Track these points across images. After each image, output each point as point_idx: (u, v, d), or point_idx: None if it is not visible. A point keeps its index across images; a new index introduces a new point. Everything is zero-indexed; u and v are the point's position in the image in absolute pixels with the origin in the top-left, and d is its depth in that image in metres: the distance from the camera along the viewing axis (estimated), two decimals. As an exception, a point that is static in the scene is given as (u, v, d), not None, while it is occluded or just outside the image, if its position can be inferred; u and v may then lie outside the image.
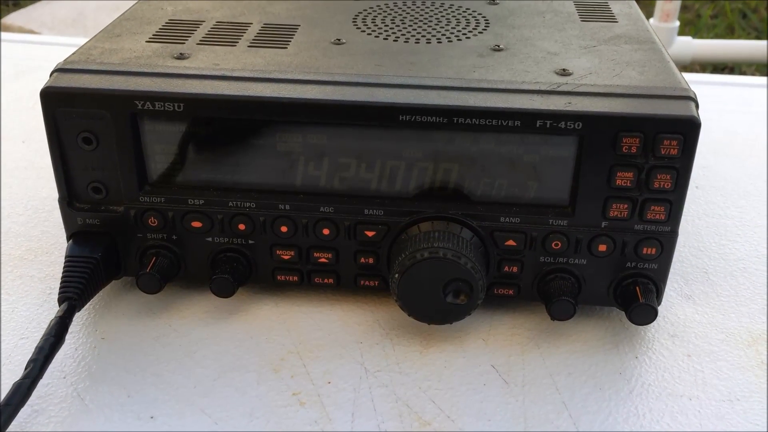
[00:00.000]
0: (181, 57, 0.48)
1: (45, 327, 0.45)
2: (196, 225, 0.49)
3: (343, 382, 0.46)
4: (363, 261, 0.49)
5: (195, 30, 0.53)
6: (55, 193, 0.49)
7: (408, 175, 0.47)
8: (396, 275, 0.46)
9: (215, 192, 0.48)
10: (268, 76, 0.46)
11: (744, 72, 2.19)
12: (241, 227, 0.49)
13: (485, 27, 0.55)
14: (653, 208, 0.46)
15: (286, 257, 0.50)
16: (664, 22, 1.92)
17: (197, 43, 0.51)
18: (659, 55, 0.50)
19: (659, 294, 0.48)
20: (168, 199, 0.48)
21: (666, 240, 0.47)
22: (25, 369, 0.42)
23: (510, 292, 0.49)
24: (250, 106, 0.45)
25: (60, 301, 0.47)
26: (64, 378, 0.46)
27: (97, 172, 0.48)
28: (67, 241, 0.50)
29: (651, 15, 1.96)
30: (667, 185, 0.45)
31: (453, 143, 0.46)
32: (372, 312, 0.51)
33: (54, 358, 0.44)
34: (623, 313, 0.48)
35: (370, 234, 0.48)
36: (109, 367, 0.47)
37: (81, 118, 0.46)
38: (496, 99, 0.44)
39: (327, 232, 0.48)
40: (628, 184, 0.45)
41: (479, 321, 0.51)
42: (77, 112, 0.46)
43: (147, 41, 0.51)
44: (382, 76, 0.47)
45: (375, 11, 0.58)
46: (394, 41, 0.52)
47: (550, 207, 0.47)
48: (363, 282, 0.50)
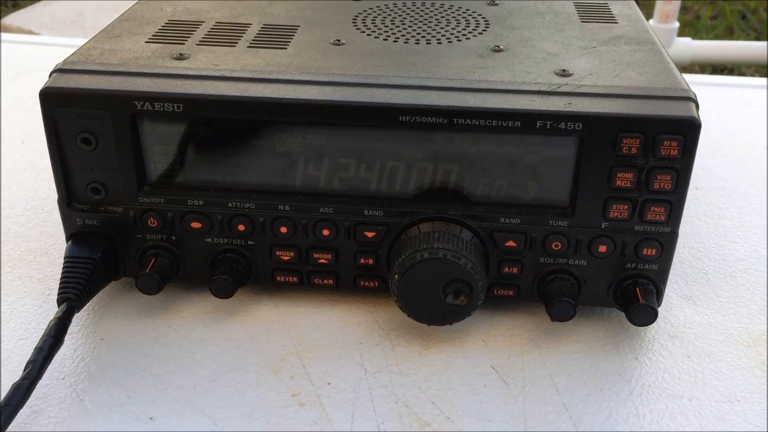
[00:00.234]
0: (181, 57, 0.48)
1: (44, 328, 0.45)
2: (195, 226, 0.49)
3: (343, 382, 0.46)
4: (363, 262, 0.49)
5: (194, 30, 0.53)
6: (55, 194, 0.49)
7: (408, 176, 0.47)
8: (396, 276, 0.46)
9: (215, 193, 0.48)
10: (267, 76, 0.46)
11: (743, 73, 2.19)
12: (241, 228, 0.49)
13: (485, 28, 0.55)
14: (653, 208, 0.45)
15: (285, 258, 0.50)
16: (663, 23, 1.92)
17: (197, 44, 0.51)
18: (659, 56, 0.50)
19: (659, 295, 0.48)
20: (167, 200, 0.48)
21: (666, 241, 0.47)
22: (24, 370, 0.42)
23: (510, 292, 0.49)
24: (249, 106, 0.45)
25: (59, 302, 0.47)
26: (63, 379, 0.46)
27: (97, 172, 0.48)
28: (67, 242, 0.50)
29: (650, 16, 1.97)
30: (667, 186, 0.45)
31: (453, 144, 0.46)
32: (372, 313, 0.51)
33: (53, 358, 0.44)
34: (623, 314, 0.48)
35: (369, 235, 0.48)
36: (109, 368, 0.47)
37: (80, 118, 0.46)
38: (496, 100, 0.44)
39: (327, 232, 0.48)
40: (628, 184, 0.45)
41: (479, 322, 0.51)
42: (76, 112, 0.46)
43: (146, 42, 0.51)
44: (381, 76, 0.46)
45: (375, 12, 0.58)
46: (393, 42, 0.52)
47: (550, 208, 0.47)
48: (363, 283, 0.50)
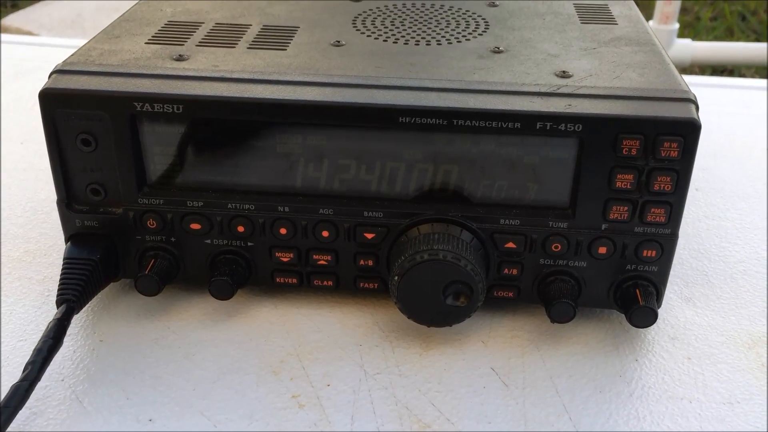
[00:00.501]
0: (181, 58, 0.48)
1: (43, 329, 0.45)
2: (195, 227, 0.49)
3: (343, 384, 0.46)
4: (362, 263, 0.49)
5: (194, 31, 0.53)
6: (54, 195, 0.49)
7: (408, 177, 0.47)
8: (396, 277, 0.46)
9: (214, 194, 0.48)
10: (267, 77, 0.46)
11: (743, 74, 2.19)
12: (241, 229, 0.49)
13: (485, 29, 0.55)
14: (653, 210, 0.45)
15: (285, 259, 0.50)
16: (663, 24, 1.92)
17: (196, 45, 0.51)
18: (659, 57, 0.50)
19: (659, 296, 0.48)
20: (167, 201, 0.48)
21: (666, 242, 0.46)
22: (24, 371, 0.42)
23: (510, 294, 0.49)
24: (249, 107, 0.45)
25: (58, 303, 0.47)
26: (62, 380, 0.46)
27: (96, 173, 0.48)
28: (66, 243, 0.49)
29: (650, 17, 1.97)
30: (668, 187, 0.45)
31: (453, 145, 0.46)
32: (371, 314, 0.51)
33: (52, 360, 0.44)
34: (623, 316, 0.48)
35: (369, 236, 0.48)
36: (108, 370, 0.47)
37: (80, 119, 0.46)
38: (496, 101, 0.44)
39: (326, 233, 0.48)
40: (628, 186, 0.45)
41: (479, 323, 0.51)
42: (76, 113, 0.46)
43: (146, 42, 0.51)
44: (381, 77, 0.46)
45: (375, 13, 0.58)
46: (393, 43, 0.52)
47: (550, 209, 0.47)
48: (362, 284, 0.50)
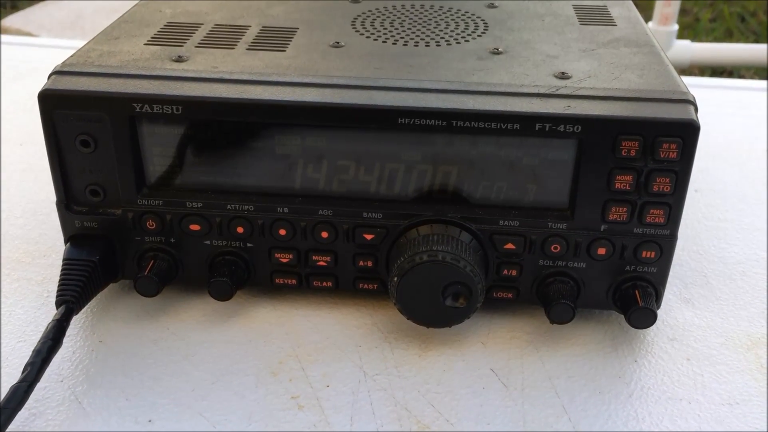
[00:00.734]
0: (180, 60, 0.48)
1: (42, 330, 0.45)
2: (194, 228, 0.49)
3: (342, 385, 0.46)
4: (362, 264, 0.49)
5: (193, 33, 0.53)
6: (53, 196, 0.49)
7: (407, 178, 0.47)
8: (395, 278, 0.46)
9: (214, 195, 0.48)
10: (266, 79, 0.46)
11: (742, 75, 2.20)
12: (240, 230, 0.49)
13: (484, 30, 0.55)
14: (652, 211, 0.45)
15: (284, 260, 0.50)
16: (662, 25, 1.93)
17: (196, 46, 0.51)
18: (658, 59, 0.50)
19: (658, 297, 0.48)
20: (166, 202, 0.48)
21: (665, 243, 0.46)
22: (23, 372, 0.42)
23: (509, 295, 0.49)
24: (248, 109, 0.45)
25: (57, 304, 0.47)
26: (61, 381, 0.46)
27: (95, 174, 0.48)
28: (65, 244, 0.49)
29: (649, 18, 1.97)
30: (667, 188, 0.45)
31: (452, 146, 0.46)
32: (371, 315, 0.51)
33: (51, 361, 0.44)
34: (622, 317, 0.48)
35: (368, 237, 0.48)
36: (107, 371, 0.47)
37: (79, 120, 0.46)
38: (495, 102, 0.44)
39: (326, 235, 0.48)
40: (627, 187, 0.45)
41: (478, 324, 0.51)
42: (75, 114, 0.46)
43: (145, 44, 0.51)
44: (380, 79, 0.46)
45: (374, 14, 0.58)
46: (392, 44, 0.52)
47: (549, 210, 0.47)
48: (362, 285, 0.50)
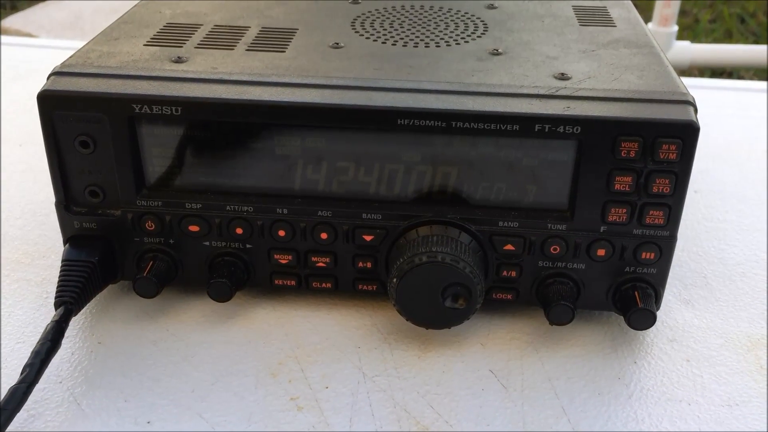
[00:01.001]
0: (179, 60, 0.48)
1: (41, 331, 0.45)
2: (193, 229, 0.49)
3: (341, 386, 0.46)
4: (361, 265, 0.49)
5: (193, 33, 0.53)
6: (52, 197, 0.48)
7: (406, 179, 0.47)
8: (394, 279, 0.46)
9: (213, 196, 0.48)
10: (266, 79, 0.46)
11: (742, 76, 2.20)
12: (239, 231, 0.48)
13: (484, 31, 0.55)
14: (652, 212, 0.45)
15: (284, 261, 0.50)
16: (662, 26, 1.93)
17: (195, 47, 0.51)
18: (658, 60, 0.50)
19: (658, 299, 0.48)
20: (165, 203, 0.48)
21: (665, 244, 0.46)
22: (22, 373, 0.42)
23: (508, 296, 0.49)
24: (248, 109, 0.45)
25: (56, 305, 0.46)
26: (60, 382, 0.46)
27: (95, 175, 0.48)
28: (64, 245, 0.49)
29: (649, 19, 1.97)
30: (666, 189, 0.45)
31: (451, 147, 0.46)
32: (370, 316, 0.51)
33: (50, 362, 0.44)
34: (622, 318, 0.48)
35: (368, 238, 0.48)
36: (106, 372, 0.47)
37: (78, 121, 0.46)
38: (494, 103, 0.44)
39: (325, 236, 0.48)
40: (626, 188, 0.45)
41: (478, 325, 0.51)
42: (74, 115, 0.46)
43: (145, 44, 0.51)
44: (380, 79, 0.46)
45: (373, 15, 0.58)
46: (392, 45, 0.52)
47: (548, 211, 0.47)
48: (361, 286, 0.50)
